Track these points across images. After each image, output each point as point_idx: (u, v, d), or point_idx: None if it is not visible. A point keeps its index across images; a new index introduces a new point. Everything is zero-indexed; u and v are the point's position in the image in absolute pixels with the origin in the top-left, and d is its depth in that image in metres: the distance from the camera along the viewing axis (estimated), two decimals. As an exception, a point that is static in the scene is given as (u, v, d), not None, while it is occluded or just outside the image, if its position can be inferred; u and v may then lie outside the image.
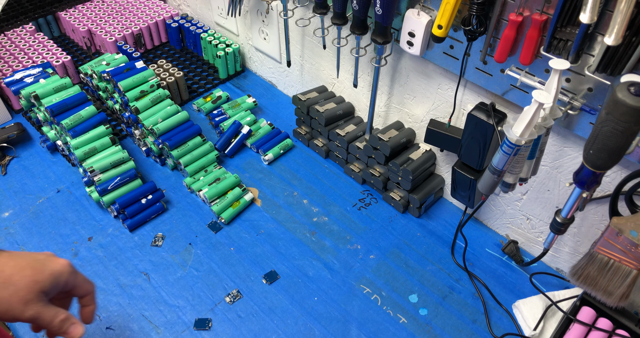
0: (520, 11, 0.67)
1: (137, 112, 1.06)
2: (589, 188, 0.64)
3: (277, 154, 1.12)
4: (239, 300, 0.87)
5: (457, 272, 0.92)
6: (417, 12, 0.79)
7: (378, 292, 0.89)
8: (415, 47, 0.82)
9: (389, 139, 0.96)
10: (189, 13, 1.44)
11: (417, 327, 0.84)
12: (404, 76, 0.94)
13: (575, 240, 0.86)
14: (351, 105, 1.11)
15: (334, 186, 1.07)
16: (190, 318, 0.85)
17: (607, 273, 0.69)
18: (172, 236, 0.96)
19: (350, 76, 1.07)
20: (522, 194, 0.89)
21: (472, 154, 0.82)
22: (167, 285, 0.89)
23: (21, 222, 0.98)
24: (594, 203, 0.79)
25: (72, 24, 1.34)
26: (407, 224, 1.00)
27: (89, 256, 0.93)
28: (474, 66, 0.78)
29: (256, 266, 0.92)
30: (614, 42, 0.55)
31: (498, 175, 0.70)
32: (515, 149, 0.65)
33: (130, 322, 0.84)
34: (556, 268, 0.93)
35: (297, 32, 1.11)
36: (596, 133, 0.56)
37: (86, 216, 0.99)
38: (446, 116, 0.92)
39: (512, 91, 0.76)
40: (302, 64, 1.17)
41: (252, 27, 1.22)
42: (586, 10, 0.56)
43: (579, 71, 0.66)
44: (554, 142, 0.78)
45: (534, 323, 0.82)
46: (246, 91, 1.29)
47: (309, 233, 0.98)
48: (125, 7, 1.41)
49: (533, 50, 0.68)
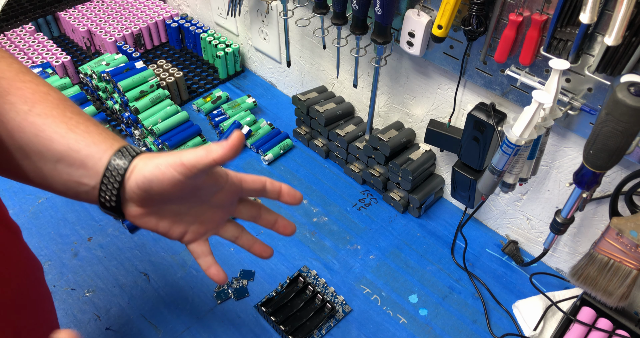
0: (520, 11, 0.67)
1: (137, 112, 1.06)
2: (589, 188, 0.64)
3: (276, 154, 1.12)
4: (240, 300, 0.87)
5: (457, 272, 0.92)
6: (417, 12, 0.79)
7: (378, 292, 0.89)
8: (415, 47, 0.82)
9: (389, 140, 0.96)
10: (189, 13, 1.44)
11: (417, 327, 0.84)
12: (403, 76, 0.94)
13: (575, 240, 0.86)
14: (351, 105, 1.11)
15: (334, 186, 1.07)
16: (190, 318, 0.85)
17: (607, 274, 0.69)
18: (171, 237, 0.96)
19: (350, 76, 1.07)
20: (522, 195, 0.89)
21: (472, 154, 0.82)
22: (167, 285, 0.89)
23: (21, 222, 0.98)
24: (594, 203, 0.79)
25: (72, 24, 1.34)
26: (407, 224, 1.00)
27: (89, 256, 0.93)
28: (474, 66, 0.78)
29: (256, 267, 0.92)
30: (614, 42, 0.55)
31: (498, 175, 0.70)
32: (515, 149, 0.65)
33: (130, 322, 0.84)
34: (556, 268, 0.93)
35: (297, 32, 1.11)
36: (596, 133, 0.56)
37: (86, 216, 0.99)
38: (446, 116, 0.92)
39: (512, 91, 0.76)
40: (302, 64, 1.17)
41: (251, 27, 1.22)
42: (586, 10, 0.56)
43: (579, 71, 0.66)
44: (554, 142, 0.78)
45: (534, 324, 0.82)
46: (246, 91, 1.29)
47: (308, 233, 0.98)
48: (125, 7, 1.41)
49: (533, 50, 0.68)
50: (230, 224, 0.58)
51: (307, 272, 0.91)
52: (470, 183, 0.85)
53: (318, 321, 0.83)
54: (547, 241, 0.78)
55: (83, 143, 0.47)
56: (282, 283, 0.89)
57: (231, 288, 0.89)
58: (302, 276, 0.89)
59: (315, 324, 0.82)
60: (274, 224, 0.57)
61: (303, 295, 0.87)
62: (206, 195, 0.52)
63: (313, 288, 0.87)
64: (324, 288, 0.88)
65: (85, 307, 0.86)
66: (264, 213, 0.58)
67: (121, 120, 1.15)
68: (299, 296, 0.86)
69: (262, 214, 0.57)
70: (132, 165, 0.47)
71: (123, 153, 0.47)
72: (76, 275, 0.90)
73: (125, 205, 0.49)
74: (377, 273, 0.91)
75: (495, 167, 0.69)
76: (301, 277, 0.89)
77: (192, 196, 0.50)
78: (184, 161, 0.45)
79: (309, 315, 0.83)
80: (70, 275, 0.90)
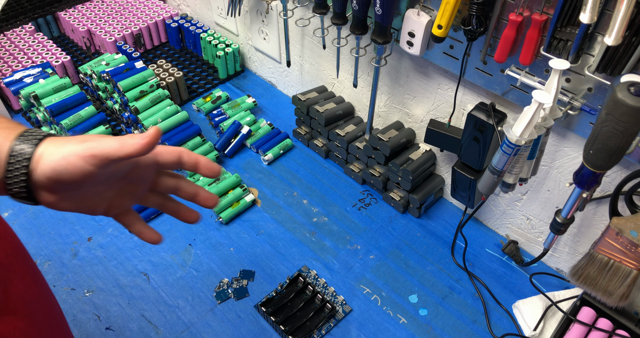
0: (520, 11, 0.66)
1: (137, 112, 1.06)
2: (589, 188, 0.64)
3: (276, 154, 1.12)
4: (240, 300, 0.87)
5: (457, 272, 0.92)
6: (417, 12, 0.79)
7: (378, 292, 0.89)
8: (415, 47, 0.82)
9: (388, 139, 0.96)
10: (189, 13, 1.44)
11: (417, 327, 0.84)
12: (403, 76, 0.94)
13: (575, 240, 0.86)
14: (351, 105, 1.11)
15: (334, 186, 1.07)
16: (190, 318, 0.85)
17: (607, 274, 0.69)
18: (172, 236, 0.96)
19: (350, 76, 1.06)
20: (522, 195, 0.89)
21: (472, 154, 0.82)
22: (167, 286, 0.89)
23: (21, 222, 0.98)
24: (594, 203, 0.79)
25: (72, 24, 1.34)
26: (407, 224, 1.00)
27: (89, 256, 0.93)
28: (474, 66, 0.78)
29: (256, 267, 0.92)
30: (614, 42, 0.55)
31: (498, 175, 0.70)
32: (515, 149, 0.65)
33: (130, 322, 0.84)
34: (556, 268, 0.93)
35: (297, 32, 1.11)
36: (596, 133, 0.56)
37: (86, 216, 0.99)
38: (446, 116, 0.92)
39: (512, 91, 0.76)
40: (302, 64, 1.17)
41: (251, 27, 1.22)
42: (586, 10, 0.56)
43: (579, 71, 0.66)
44: (554, 142, 0.78)
45: (534, 324, 0.82)
46: (246, 91, 1.29)
47: (308, 233, 0.98)
48: (125, 7, 1.41)
49: (533, 50, 0.68)
50: (152, 193, 0.55)
51: (307, 272, 0.91)
52: (470, 183, 0.85)
53: (318, 321, 0.83)
54: (547, 241, 0.78)
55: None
56: (282, 283, 0.89)
57: (231, 288, 0.88)
58: (302, 276, 0.89)
59: (315, 324, 0.82)
60: (195, 196, 0.54)
61: (303, 295, 0.87)
62: (121, 172, 0.49)
63: (313, 288, 0.87)
64: (324, 288, 0.88)
65: (85, 307, 0.86)
66: (184, 184, 0.54)
67: (121, 120, 1.15)
68: (299, 296, 0.86)
69: (181, 185, 0.54)
70: (38, 152, 0.44)
71: (26, 137, 0.44)
72: (76, 275, 0.90)
73: (37, 193, 0.46)
74: (377, 273, 0.91)
75: (495, 167, 0.69)
76: (301, 277, 0.89)
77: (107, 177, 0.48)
78: (96, 153, 0.43)
79: (309, 315, 0.83)
80: (70, 275, 0.90)
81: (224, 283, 0.89)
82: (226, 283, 0.89)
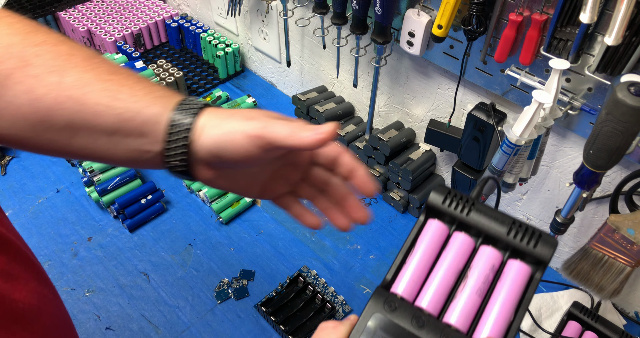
0: (520, 11, 0.66)
1: (137, 112, 1.06)
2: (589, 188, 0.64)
3: (276, 154, 1.11)
4: (240, 300, 0.87)
5: (457, 272, 0.92)
6: (417, 12, 0.79)
7: (378, 292, 0.89)
8: (415, 47, 0.82)
9: (388, 139, 0.96)
10: (189, 13, 1.44)
11: (417, 327, 0.84)
12: (403, 76, 0.94)
13: (575, 240, 0.86)
14: (351, 105, 1.11)
15: (334, 186, 1.06)
16: (190, 318, 0.85)
17: (600, 269, 0.69)
18: (171, 236, 0.96)
19: (350, 76, 1.06)
20: (522, 194, 0.89)
21: (472, 154, 0.82)
22: (167, 285, 0.89)
23: (21, 222, 0.98)
24: (594, 203, 0.79)
25: (72, 24, 1.34)
26: (407, 224, 1.00)
27: (89, 256, 0.93)
28: (474, 66, 0.78)
29: (256, 267, 0.92)
30: (614, 42, 0.55)
31: (498, 175, 0.70)
32: (515, 149, 0.65)
33: (130, 322, 0.84)
34: (556, 268, 0.93)
35: (297, 32, 1.11)
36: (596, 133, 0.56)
37: (86, 216, 0.99)
38: (446, 116, 0.92)
39: (512, 91, 0.76)
40: (302, 64, 1.17)
41: (251, 27, 1.22)
42: (586, 10, 0.56)
43: (579, 71, 0.66)
44: (554, 142, 0.78)
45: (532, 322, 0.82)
46: (246, 91, 1.29)
47: (308, 233, 0.98)
48: (125, 7, 1.41)
49: (533, 50, 0.68)
50: (307, 184, 0.50)
51: (307, 272, 0.91)
52: (470, 183, 0.85)
53: (318, 321, 0.83)
54: (547, 241, 0.78)
55: (134, 110, 0.41)
56: (282, 283, 0.89)
57: (231, 288, 0.88)
58: (302, 276, 0.89)
59: (315, 324, 0.82)
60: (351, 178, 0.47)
61: (303, 295, 0.87)
62: (278, 155, 0.46)
63: (313, 288, 0.87)
64: (324, 288, 0.88)
65: (85, 307, 0.86)
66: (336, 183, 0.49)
67: (121, 120, 1.15)
68: (299, 296, 0.86)
69: (332, 183, 0.49)
70: (199, 124, 0.41)
71: (185, 109, 0.41)
72: (76, 275, 0.90)
73: (194, 168, 0.43)
74: (377, 273, 0.91)
75: (495, 167, 0.69)
76: (301, 277, 0.89)
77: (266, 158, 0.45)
78: (263, 134, 0.40)
79: (309, 315, 0.83)
80: (70, 275, 0.90)
81: (224, 283, 0.89)
82: (226, 283, 0.89)
